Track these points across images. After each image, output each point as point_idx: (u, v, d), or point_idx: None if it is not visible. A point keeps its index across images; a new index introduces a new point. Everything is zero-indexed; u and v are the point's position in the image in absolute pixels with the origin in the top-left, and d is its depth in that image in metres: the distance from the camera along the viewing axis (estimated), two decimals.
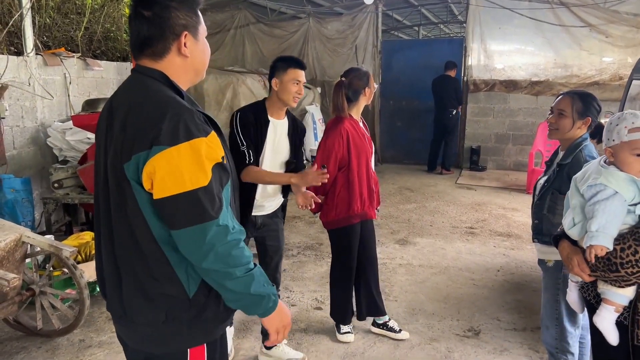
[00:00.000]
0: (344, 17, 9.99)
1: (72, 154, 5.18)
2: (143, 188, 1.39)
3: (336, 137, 3.07)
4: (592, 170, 1.81)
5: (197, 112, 1.45)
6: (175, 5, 1.45)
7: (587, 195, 1.77)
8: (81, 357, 3.21)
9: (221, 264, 1.38)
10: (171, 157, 1.34)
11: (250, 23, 10.20)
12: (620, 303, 1.74)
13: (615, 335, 1.76)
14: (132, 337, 1.58)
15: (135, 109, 1.43)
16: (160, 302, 1.47)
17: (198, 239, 1.36)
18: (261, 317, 1.53)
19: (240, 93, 8.05)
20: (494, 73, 9.12)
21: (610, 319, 1.76)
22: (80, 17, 7.82)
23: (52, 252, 3.15)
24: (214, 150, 1.41)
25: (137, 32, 1.47)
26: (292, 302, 3.95)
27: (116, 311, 1.55)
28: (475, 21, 8.98)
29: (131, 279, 1.48)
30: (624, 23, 8.23)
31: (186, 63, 1.51)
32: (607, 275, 1.72)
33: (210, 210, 1.36)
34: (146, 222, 1.42)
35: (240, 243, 1.43)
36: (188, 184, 1.35)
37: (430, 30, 15.66)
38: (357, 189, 3.14)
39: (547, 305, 2.54)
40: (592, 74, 8.64)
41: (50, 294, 3.40)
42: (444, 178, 8.67)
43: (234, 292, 1.43)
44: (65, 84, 5.71)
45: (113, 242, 1.49)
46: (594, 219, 1.70)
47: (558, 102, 2.44)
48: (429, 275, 4.54)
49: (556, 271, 2.44)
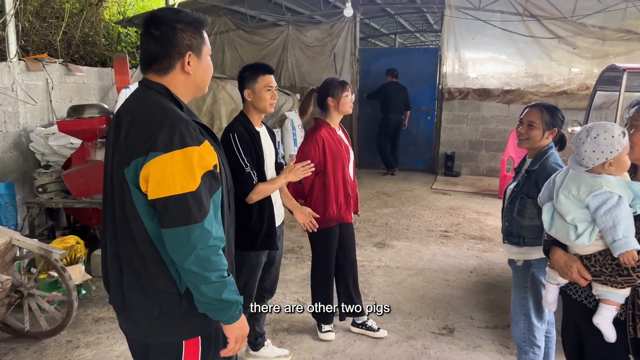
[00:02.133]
0: (323, 25, 10.17)
1: (55, 158, 5.23)
2: (140, 191, 1.53)
3: (312, 144, 3.21)
4: (584, 181, 1.86)
5: (193, 123, 1.59)
6: (181, 27, 1.60)
7: (593, 204, 1.81)
8: (69, 358, 3.29)
9: (200, 266, 1.51)
10: (165, 163, 1.48)
11: (230, 30, 10.31)
12: (620, 302, 1.84)
13: (614, 333, 1.85)
14: (131, 329, 1.72)
15: (137, 119, 1.58)
16: (155, 297, 1.60)
17: (182, 239, 1.50)
18: (225, 323, 1.64)
19: (220, 99, 8.16)
20: (467, 82, 9.40)
21: (611, 317, 1.86)
22: (58, 22, 7.83)
23: (41, 254, 3.23)
24: (205, 159, 1.55)
25: (146, 49, 1.62)
26: (275, 303, 4.08)
27: (118, 305, 1.69)
28: (450, 31, 9.24)
29: (131, 275, 1.61)
30: (590, 35, 8.60)
31: (188, 80, 1.66)
32: (613, 280, 1.81)
33: (196, 214, 1.50)
34: (142, 222, 1.56)
35: (219, 250, 1.55)
36: (178, 188, 1.49)
37: (406, 38, 15.98)
38: (333, 194, 3.27)
39: (516, 302, 2.73)
40: (561, 83, 8.98)
41: (38, 296, 3.47)
42: (421, 183, 8.89)
43: (206, 295, 1.55)
44: (47, 89, 5.75)
45: (117, 241, 1.62)
46: (617, 226, 1.74)
47: (528, 114, 2.61)
48: (405, 276, 4.72)
49: (525, 270, 2.63)
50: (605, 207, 1.77)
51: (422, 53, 11.23)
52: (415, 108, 9.87)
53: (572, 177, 1.93)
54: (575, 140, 1.91)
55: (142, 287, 1.60)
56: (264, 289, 3.09)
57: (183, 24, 1.60)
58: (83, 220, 5.26)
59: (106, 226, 1.67)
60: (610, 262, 1.81)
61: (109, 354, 3.34)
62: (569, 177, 1.95)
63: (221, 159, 1.70)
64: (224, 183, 1.70)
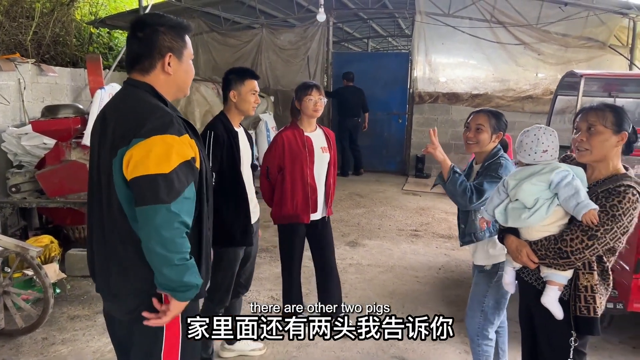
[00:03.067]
0: (297, 28, 10.30)
1: (28, 159, 5.21)
2: (124, 180, 1.63)
3: (273, 143, 3.39)
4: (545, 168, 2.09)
5: (177, 117, 1.71)
6: (163, 30, 1.72)
7: (556, 179, 2.02)
8: (46, 354, 3.33)
9: (164, 248, 1.58)
10: (144, 146, 1.60)
11: (204, 32, 10.35)
12: (563, 283, 2.07)
13: (561, 311, 2.07)
14: (117, 310, 1.82)
15: (123, 113, 1.69)
16: (138, 279, 1.70)
17: (148, 218, 1.58)
18: (177, 300, 1.68)
19: (194, 100, 8.21)
20: (437, 86, 9.65)
21: (556, 297, 2.07)
22: (29, 21, 7.76)
23: (17, 252, 3.26)
24: (183, 149, 1.66)
25: (131, 50, 1.73)
26: (249, 300, 4.17)
27: (103, 289, 1.80)
28: (420, 36, 9.48)
29: (115, 260, 1.72)
30: (554, 42, 8.95)
31: (169, 79, 1.77)
32: (556, 262, 2.02)
33: (164, 195, 1.58)
34: (124, 211, 1.66)
35: (183, 233, 1.63)
36: (151, 168, 1.59)
37: (379, 42, 16.23)
38: (289, 193, 3.37)
39: (474, 299, 2.87)
40: (527, 88, 9.30)
41: (13, 294, 3.50)
42: (392, 184, 9.08)
43: (167, 277, 1.62)
44: (19, 89, 5.72)
45: (103, 230, 1.73)
46: (578, 192, 1.96)
47: (475, 119, 2.73)
48: (376, 273, 4.87)
49: (492, 273, 2.77)
50: (566, 180, 2.00)
51: (393, 57, 11.46)
52: (387, 111, 10.10)
53: (527, 170, 2.15)
54: (533, 140, 2.13)
55: (126, 272, 1.71)
56: (239, 284, 3.18)
57: (165, 27, 1.72)
58: (57, 220, 5.26)
59: (92, 216, 1.77)
60: (554, 247, 2.02)
61: (85, 349, 3.39)
62: (524, 171, 2.16)
63: (202, 154, 1.81)
64: (205, 177, 1.81)
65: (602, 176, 2.07)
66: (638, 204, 1.96)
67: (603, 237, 1.95)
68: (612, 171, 2.06)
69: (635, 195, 1.95)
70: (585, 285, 2.03)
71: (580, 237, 1.97)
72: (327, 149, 3.51)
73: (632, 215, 1.96)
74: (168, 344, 1.76)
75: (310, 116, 3.36)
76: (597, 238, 1.95)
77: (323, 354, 3.44)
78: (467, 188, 2.61)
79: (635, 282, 3.23)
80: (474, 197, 2.61)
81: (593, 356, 3.47)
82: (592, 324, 2.04)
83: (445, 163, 2.68)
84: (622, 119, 2.04)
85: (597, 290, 2.02)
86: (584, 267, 2.03)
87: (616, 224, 1.95)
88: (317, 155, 3.43)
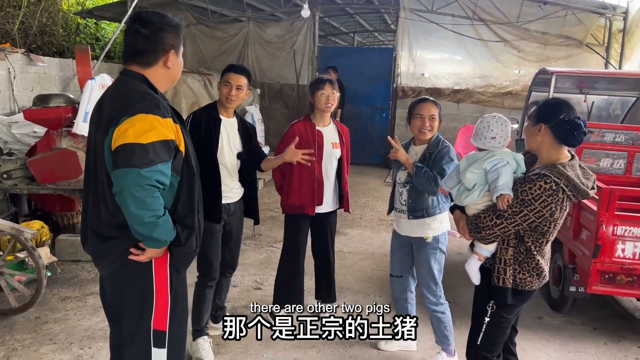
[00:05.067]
0: (283, 22, 10.45)
1: (18, 146, 5.34)
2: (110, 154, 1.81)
3: (285, 135, 3.51)
4: (485, 156, 2.35)
5: (164, 103, 1.90)
6: (167, 28, 1.92)
7: (488, 166, 2.28)
8: (39, 332, 3.49)
9: (137, 207, 1.77)
10: (129, 121, 1.79)
11: (191, 24, 10.45)
12: (483, 255, 2.39)
13: (478, 278, 2.42)
14: (107, 269, 2.02)
15: (117, 99, 1.89)
16: (127, 242, 1.89)
17: (120, 179, 1.77)
18: (149, 247, 1.89)
19: (181, 92, 8.34)
20: (420, 81, 9.88)
21: (476, 265, 2.42)
22: (15, 11, 7.82)
23: (12, 234, 3.41)
24: (164, 129, 1.84)
25: (132, 44, 1.91)
26: (234, 284, 4.36)
27: (95, 251, 2.00)
28: (404, 32, 9.69)
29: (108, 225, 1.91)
30: (533, 40, 9.23)
31: (167, 73, 1.97)
32: (475, 235, 2.36)
33: (137, 161, 1.76)
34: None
35: (155, 193, 1.82)
36: (130, 138, 1.77)
37: (365, 37, 16.41)
38: (296, 184, 3.50)
39: (426, 274, 3.16)
40: (507, 84, 9.57)
41: (7, 274, 3.64)
42: (375, 177, 9.30)
43: (139, 234, 1.83)
44: (9, 78, 5.83)
45: (99, 205, 1.91)
46: (499, 178, 2.22)
47: (428, 109, 3.06)
48: (356, 260, 5.09)
49: (434, 243, 3.10)
50: (494, 167, 2.26)
51: (377, 52, 11.67)
52: (371, 105, 10.30)
53: (475, 156, 2.42)
54: (485, 126, 2.39)
55: (115, 235, 1.90)
56: (225, 263, 3.34)
57: (168, 26, 1.92)
58: (47, 207, 5.39)
59: (88, 193, 1.96)
60: (474, 222, 2.34)
61: (77, 328, 3.55)
62: (472, 157, 2.43)
63: (187, 140, 1.99)
64: (193, 164, 2.00)
65: (541, 165, 2.30)
66: (553, 192, 2.15)
67: (512, 218, 2.21)
68: (551, 161, 2.26)
69: (548, 184, 2.15)
70: (500, 258, 2.33)
71: (491, 215, 2.25)
72: (338, 145, 3.60)
73: (546, 202, 2.16)
74: (158, 307, 1.94)
75: (323, 110, 3.48)
76: (505, 218, 2.22)
77: None
78: (431, 176, 2.95)
79: (594, 266, 3.47)
80: (439, 180, 2.92)
81: (556, 337, 3.73)
82: (504, 293, 2.33)
83: (408, 162, 3.07)
84: None
85: (509, 264, 2.30)
86: (502, 243, 2.32)
87: (525, 207, 2.18)
88: (327, 150, 3.51)
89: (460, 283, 4.34)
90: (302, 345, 3.42)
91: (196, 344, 3.20)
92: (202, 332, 3.23)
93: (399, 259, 3.33)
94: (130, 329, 1.97)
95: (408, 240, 3.22)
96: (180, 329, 2.06)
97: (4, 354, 3.19)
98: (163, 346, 1.97)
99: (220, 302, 3.48)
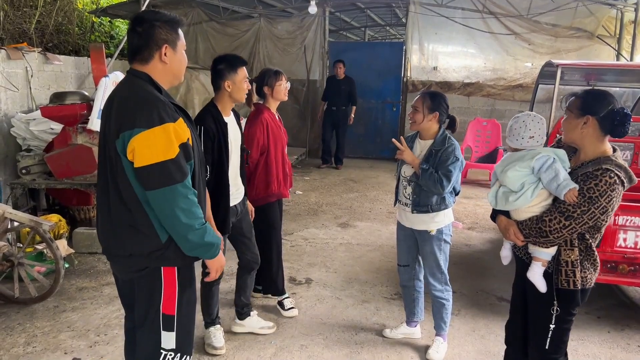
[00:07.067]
0: (294, 18, 10.52)
1: (36, 143, 5.50)
2: (128, 159, 1.91)
3: (258, 125, 3.50)
4: (527, 155, 2.30)
5: (170, 104, 1.99)
6: (159, 24, 2.00)
7: (537, 165, 2.22)
8: (57, 320, 3.64)
9: (186, 217, 1.90)
10: (148, 136, 1.87)
11: (203, 21, 10.57)
12: (546, 259, 2.28)
13: (544, 285, 2.29)
14: (122, 271, 2.13)
15: (124, 100, 1.97)
16: (142, 244, 1.98)
17: (168, 197, 1.88)
18: (207, 259, 2.11)
19: (193, 88, 8.48)
20: (430, 75, 9.91)
21: (540, 272, 2.30)
22: (32, 11, 8.00)
23: (32, 226, 3.56)
24: (180, 132, 1.94)
25: (131, 43, 2.02)
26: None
27: (111, 251, 2.09)
28: (414, 26, 9.72)
29: (123, 227, 1.99)
30: (544, 32, 9.20)
31: (166, 68, 2.05)
32: (537, 240, 2.24)
33: (177, 176, 1.89)
34: (130, 184, 1.94)
35: (196, 202, 1.95)
36: (160, 156, 1.87)
37: (377, 31, 16.41)
38: (274, 172, 3.59)
39: (433, 265, 3.21)
40: (517, 77, 9.55)
41: (27, 265, 3.80)
42: (385, 170, 9.38)
43: (192, 241, 1.95)
44: (27, 77, 5.99)
45: (110, 201, 2.01)
46: (559, 175, 2.15)
47: (414, 101, 3.09)
48: (365, 252, 5.19)
49: (439, 235, 3.14)
50: (546, 165, 2.21)
51: (388, 47, 11.69)
52: (381, 99, 10.36)
53: (513, 156, 2.37)
54: (521, 126, 2.35)
55: (131, 236, 1.99)
56: (248, 261, 3.41)
57: (161, 22, 2.00)
58: (64, 202, 5.56)
59: (101, 190, 2.06)
60: (535, 226, 2.23)
61: (93, 316, 3.70)
62: (510, 158, 2.38)
63: (194, 135, 2.09)
64: (196, 156, 2.10)
65: (587, 158, 2.23)
66: (617, 186, 2.09)
67: (580, 218, 2.12)
68: (597, 154, 2.21)
69: (612, 178, 2.09)
70: (566, 260, 2.21)
71: (558, 217, 2.15)
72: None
73: (610, 197, 2.09)
74: (167, 295, 2.05)
75: (281, 100, 3.63)
76: (574, 219, 2.13)
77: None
78: (437, 178, 2.96)
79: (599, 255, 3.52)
80: (445, 182, 2.96)
81: None
82: (573, 295, 2.24)
83: (414, 162, 3.07)
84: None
85: (577, 265, 2.20)
86: (566, 244, 2.21)
87: (592, 205, 2.10)
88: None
89: (467, 274, 4.42)
90: (310, 332, 3.54)
91: (208, 332, 3.32)
92: (213, 322, 3.34)
93: (405, 249, 3.38)
94: (141, 313, 2.09)
95: (412, 232, 3.27)
96: (189, 313, 2.17)
97: (25, 340, 3.35)
98: (172, 329, 2.08)
99: (246, 299, 3.52)
